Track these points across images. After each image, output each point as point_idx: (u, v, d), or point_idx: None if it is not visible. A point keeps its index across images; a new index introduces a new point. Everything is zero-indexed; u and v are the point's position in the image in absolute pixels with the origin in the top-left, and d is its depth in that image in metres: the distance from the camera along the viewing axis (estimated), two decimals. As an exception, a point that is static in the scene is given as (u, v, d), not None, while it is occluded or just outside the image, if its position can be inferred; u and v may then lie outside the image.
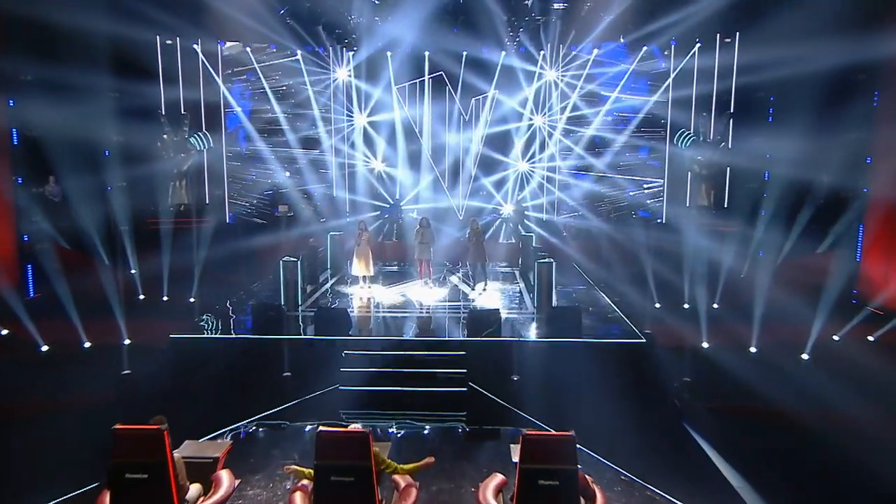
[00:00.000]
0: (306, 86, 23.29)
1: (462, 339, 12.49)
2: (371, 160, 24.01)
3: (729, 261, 17.20)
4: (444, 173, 23.94)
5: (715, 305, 15.54)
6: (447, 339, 12.65)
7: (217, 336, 12.79)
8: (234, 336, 12.84)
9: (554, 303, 14.62)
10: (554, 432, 6.38)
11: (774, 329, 13.39)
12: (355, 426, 6.88)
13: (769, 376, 11.11)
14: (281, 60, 23.34)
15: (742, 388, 10.98)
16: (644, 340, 12.32)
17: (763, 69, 17.69)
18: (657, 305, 15.66)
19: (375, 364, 11.97)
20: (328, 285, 17.52)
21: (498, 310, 12.93)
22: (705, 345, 12.93)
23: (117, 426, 6.14)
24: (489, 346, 12.22)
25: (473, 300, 15.68)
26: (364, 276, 16.50)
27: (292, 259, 14.95)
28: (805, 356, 12.60)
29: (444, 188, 23.72)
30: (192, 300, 16.40)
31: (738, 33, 20.11)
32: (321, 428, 6.42)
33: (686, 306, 15.67)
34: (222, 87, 22.75)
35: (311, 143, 23.72)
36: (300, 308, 14.89)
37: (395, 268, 20.19)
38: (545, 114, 23.50)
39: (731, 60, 20.20)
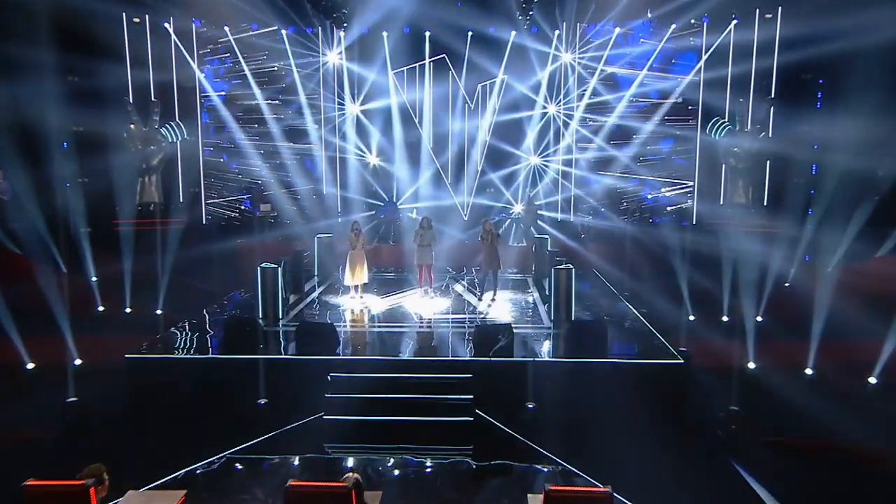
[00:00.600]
0: (291, 69, 22.30)
1: (468, 358, 11.66)
2: (365, 154, 23.01)
3: (772, 266, 16.22)
4: (446, 167, 23.00)
5: (758, 318, 14.55)
6: (450, 358, 11.82)
7: (180, 356, 11.85)
8: (200, 356, 11.89)
9: (573, 316, 13.73)
10: (585, 488, 5.41)
11: (833, 347, 12.43)
12: (344, 480, 5.89)
13: (830, 404, 10.13)
14: (263, 41, 22.41)
15: (798, 418, 10.07)
16: (680, 361, 11.35)
17: (810, 45, 16.72)
18: (691, 318, 14.67)
19: (367, 389, 11.11)
20: (315, 295, 16.59)
21: (509, 324, 11.99)
22: (752, 365, 11.95)
23: (29, 482, 5.18)
24: (499, 368, 11.42)
25: (481, 313, 14.73)
26: (357, 285, 15.57)
27: (272, 265, 14.02)
28: (872, 380, 11.60)
29: (447, 184, 22.77)
30: (158, 312, 15.52)
31: (780, 7, 19.12)
32: (291, 483, 5.45)
33: (725, 319, 14.69)
34: (197, 73, 21.84)
35: (296, 134, 22.74)
36: (281, 322, 13.98)
37: (391, 274, 19.22)
38: (560, 101, 22.49)
39: (772, 37, 19.21)
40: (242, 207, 22.81)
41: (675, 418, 10.59)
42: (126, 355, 11.59)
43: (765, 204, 20.27)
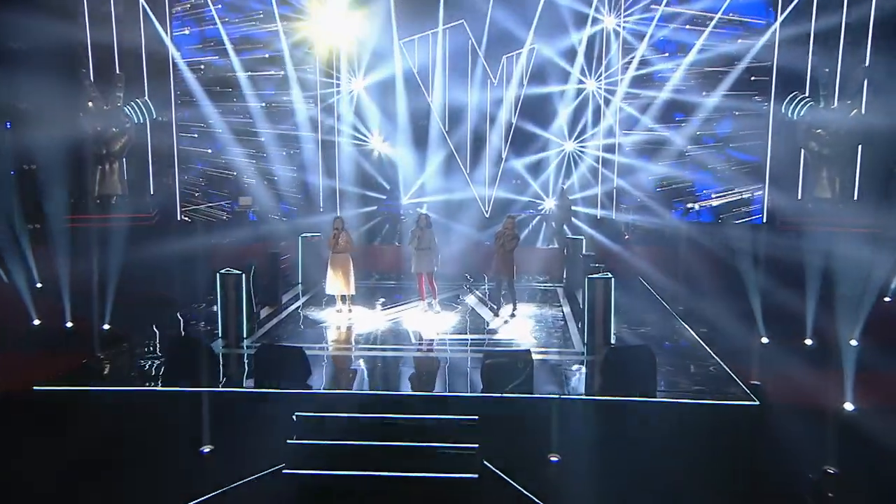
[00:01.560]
0: (279, 38, 20.73)
1: (475, 395, 10.23)
2: (369, 138, 21.39)
3: (868, 276, 14.27)
4: (463, 155, 21.28)
5: (853, 342, 12.63)
6: (452, 394, 10.39)
7: (99, 387, 10.25)
8: (124, 388, 10.29)
9: (613, 339, 12.28)
10: None
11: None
12: None
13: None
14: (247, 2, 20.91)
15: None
16: (755, 401, 9.52)
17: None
18: (765, 341, 12.83)
19: (342, 433, 9.64)
20: (294, 308, 15.01)
21: (528, 351, 10.27)
22: (849, 407, 10.06)
23: None
24: (514, 408, 10.03)
25: (495, 332, 13.15)
26: (343, 296, 13.96)
27: (234, 272, 12.43)
28: None
29: (465, 174, 21.03)
30: (105, 328, 14.11)
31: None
32: None
33: (809, 343, 12.81)
34: (172, 51, 20.41)
35: (281, 115, 21.17)
36: (245, 343, 12.38)
37: (392, 283, 17.58)
38: (601, 75, 20.66)
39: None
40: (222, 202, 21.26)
41: (748, 480, 8.84)
42: (36, 386, 9.99)
43: (855, 198, 18.15)
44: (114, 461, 9.31)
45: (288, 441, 9.48)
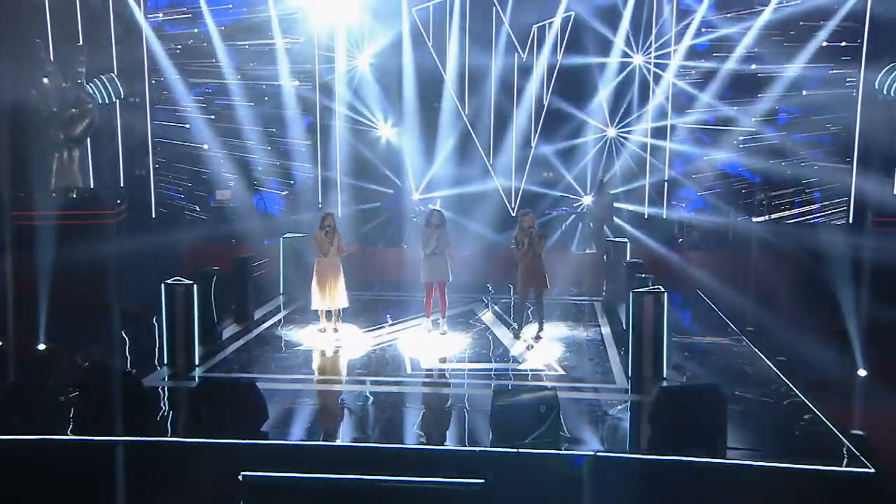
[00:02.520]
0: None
1: (482, 449, 8.28)
2: (375, 123, 19.47)
3: None
4: (486, 143, 19.32)
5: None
6: (452, 448, 8.51)
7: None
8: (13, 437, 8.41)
9: (666, 372, 10.37)
10: None
11: None
12: None
13: None
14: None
15: None
16: (868, 468, 7.41)
17: None
18: (862, 373, 10.72)
19: (301, 498, 7.96)
20: (271, 324, 13.17)
21: (554, 391, 8.26)
22: None
23: None
24: (534, 468, 8.02)
25: (515, 360, 11.51)
26: (330, 311, 12.55)
27: (184, 282, 10.62)
28: None
29: (485, 160, 19.03)
30: (40, 348, 12.52)
31: None
32: None
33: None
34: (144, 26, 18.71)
35: (268, 96, 19.38)
36: (196, 372, 10.56)
37: (393, 294, 15.85)
38: (650, 45, 18.58)
39: None
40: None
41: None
42: None
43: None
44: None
45: (230, 511, 7.62)
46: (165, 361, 10.90)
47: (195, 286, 10.85)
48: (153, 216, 19.95)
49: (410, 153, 19.56)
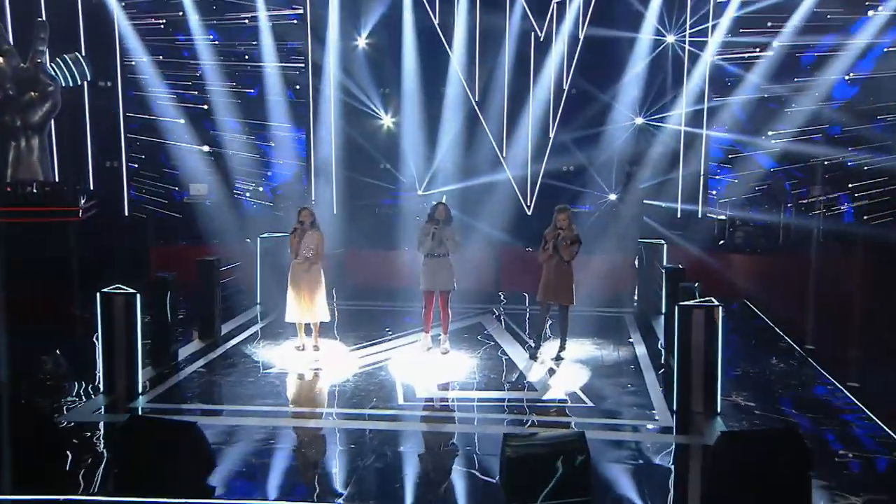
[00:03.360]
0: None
1: None
2: (376, 111, 17.75)
3: None
4: (499, 132, 17.57)
5: None
6: None
7: None
8: None
9: (719, 406, 8.58)
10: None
11: None
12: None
13: None
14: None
15: None
16: None
17: None
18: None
19: None
20: (239, 341, 11.42)
21: (581, 435, 6.45)
22: None
23: None
24: None
25: (530, 387, 9.69)
26: (308, 324, 10.91)
27: (124, 291, 8.86)
28: None
29: (497, 153, 17.27)
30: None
31: None
32: None
33: None
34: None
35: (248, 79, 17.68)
36: (140, 401, 8.82)
37: (387, 304, 13.90)
38: (683, 22, 16.78)
39: None
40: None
41: None
42: None
43: None
44: None
45: None
46: (102, 389, 9.15)
47: (138, 296, 9.06)
48: (126, 214, 18.14)
49: (412, 144, 17.69)
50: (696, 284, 9.60)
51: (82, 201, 16.27)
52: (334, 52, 17.66)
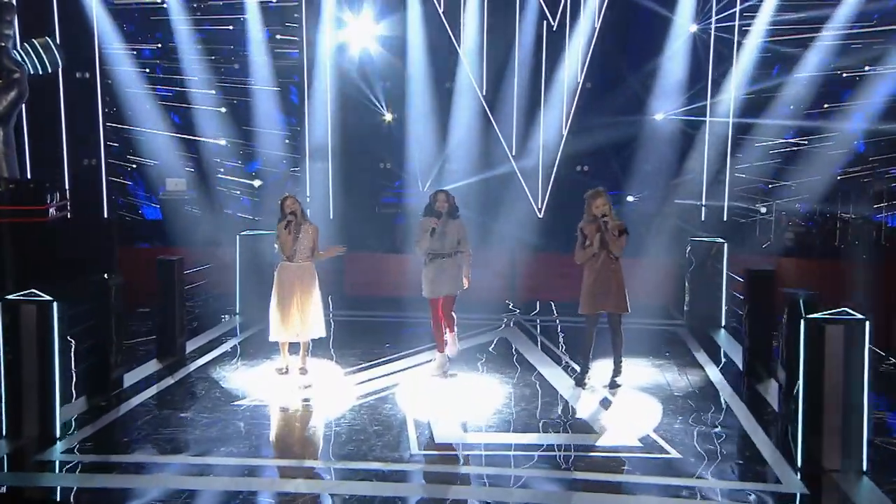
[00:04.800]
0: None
1: None
2: (379, 107, 14.78)
3: None
4: (508, 130, 14.62)
5: None
6: None
7: None
8: None
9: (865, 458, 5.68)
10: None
11: None
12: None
13: None
14: None
15: None
16: None
17: None
18: None
19: None
20: (212, 359, 8.40)
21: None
22: None
23: None
24: None
25: (595, 430, 6.71)
26: (295, 345, 7.87)
27: (36, 299, 5.81)
28: None
29: (507, 152, 14.31)
30: None
31: None
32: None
33: None
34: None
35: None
36: (56, 448, 5.75)
37: (392, 315, 10.86)
38: (709, 13, 13.90)
39: None
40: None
41: None
42: None
43: None
44: None
45: None
46: (3, 432, 6.12)
47: (55, 304, 6.04)
48: (105, 216, 15.03)
49: (416, 141, 14.67)
50: (806, 291, 6.59)
51: (50, 199, 13.18)
52: (331, 42, 14.60)
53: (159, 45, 14.86)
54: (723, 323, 9.68)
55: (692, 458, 5.88)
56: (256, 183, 14.61)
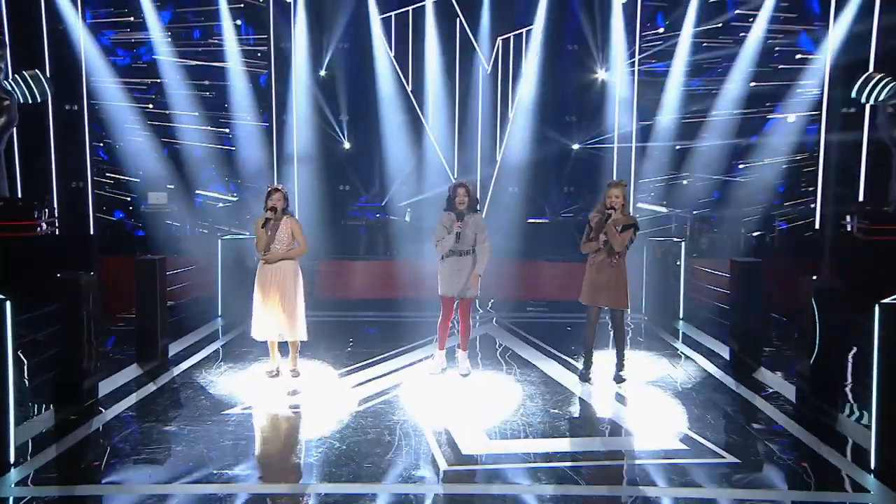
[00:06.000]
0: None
1: None
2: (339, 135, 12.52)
3: None
4: (449, 155, 12.58)
5: None
6: None
7: None
8: None
9: None
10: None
11: None
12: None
13: None
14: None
15: None
16: None
17: None
18: None
19: None
20: (194, 364, 6.01)
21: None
22: None
23: None
24: None
25: (627, 431, 4.89)
26: (282, 345, 5.23)
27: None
28: None
29: (446, 167, 12.33)
30: None
31: None
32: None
33: None
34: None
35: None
36: (8, 479, 3.24)
37: (382, 315, 8.64)
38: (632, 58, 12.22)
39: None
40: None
41: None
42: None
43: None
44: None
45: None
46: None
47: (7, 303, 3.68)
48: (91, 232, 12.23)
49: (372, 165, 12.51)
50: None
51: (38, 216, 10.44)
52: (301, 82, 12.29)
53: (148, 83, 12.22)
54: (681, 315, 7.94)
55: (750, 460, 3.97)
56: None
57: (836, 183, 10.98)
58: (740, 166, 11.68)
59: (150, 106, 11.83)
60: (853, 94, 10.01)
